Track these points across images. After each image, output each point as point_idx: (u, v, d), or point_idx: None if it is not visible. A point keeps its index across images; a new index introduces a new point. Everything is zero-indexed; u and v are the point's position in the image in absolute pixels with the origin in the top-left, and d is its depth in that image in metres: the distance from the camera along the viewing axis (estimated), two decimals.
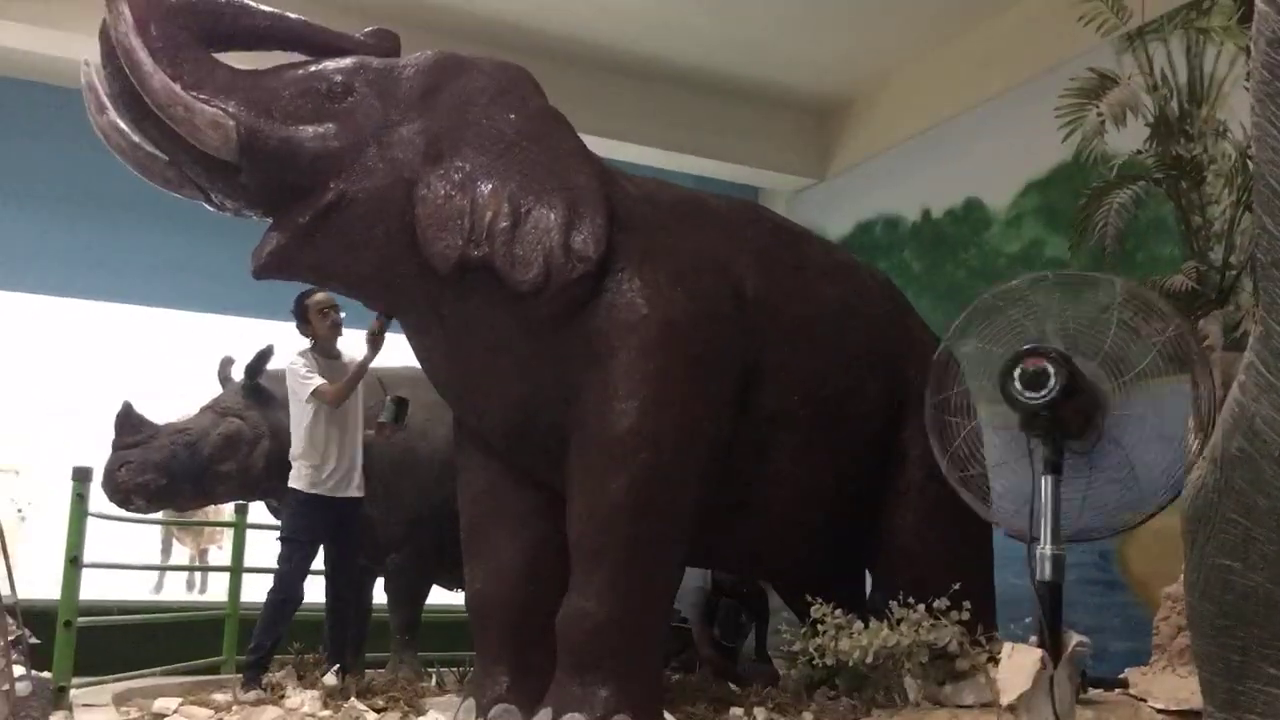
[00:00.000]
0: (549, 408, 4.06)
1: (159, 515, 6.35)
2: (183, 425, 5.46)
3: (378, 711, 4.62)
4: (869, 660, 4.10)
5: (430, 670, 5.60)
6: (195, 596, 8.64)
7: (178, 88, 3.72)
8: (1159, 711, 4.04)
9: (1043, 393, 3.42)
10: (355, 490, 5.29)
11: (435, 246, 3.89)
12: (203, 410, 5.56)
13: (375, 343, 4.96)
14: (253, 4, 4.01)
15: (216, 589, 8.04)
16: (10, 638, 4.17)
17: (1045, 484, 3.51)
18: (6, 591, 4.48)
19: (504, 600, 4.27)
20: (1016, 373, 3.46)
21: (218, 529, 7.98)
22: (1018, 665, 3.31)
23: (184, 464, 5.30)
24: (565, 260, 3.93)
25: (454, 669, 5.52)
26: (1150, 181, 4.69)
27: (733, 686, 5.17)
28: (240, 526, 6.19)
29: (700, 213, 4.51)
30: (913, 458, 4.70)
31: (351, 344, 5.34)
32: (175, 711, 4.51)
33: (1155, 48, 4.80)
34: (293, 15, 4.11)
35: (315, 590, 5.35)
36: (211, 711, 4.62)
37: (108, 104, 3.92)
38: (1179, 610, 4.21)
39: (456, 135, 4.03)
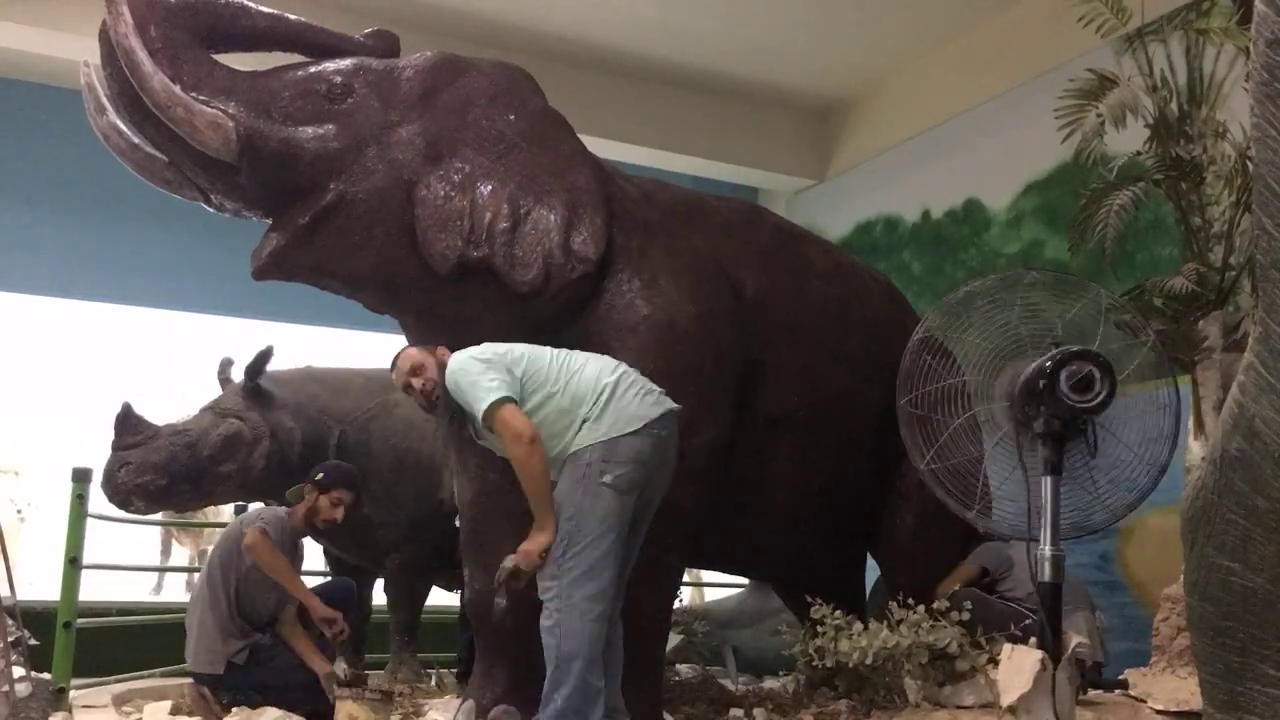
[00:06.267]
0: None
1: (159, 516, 6.34)
2: (183, 426, 5.44)
3: (378, 714, 4.60)
4: (869, 661, 4.10)
5: (430, 671, 5.59)
6: None
7: (177, 89, 3.72)
8: (1159, 712, 4.04)
9: (1089, 396, 3.43)
10: None
11: (435, 247, 3.88)
12: (203, 411, 5.54)
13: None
14: (252, 5, 4.01)
15: None
16: (10, 639, 4.17)
17: (1045, 484, 3.50)
18: (6, 592, 4.48)
19: None
20: (1064, 375, 3.45)
21: (218, 529, 7.96)
22: (1018, 666, 3.31)
23: (184, 465, 5.28)
24: (565, 261, 3.93)
25: (454, 669, 5.52)
26: (1150, 182, 4.67)
27: (730, 686, 5.17)
28: None
29: (700, 213, 4.50)
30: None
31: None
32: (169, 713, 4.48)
33: (1155, 49, 4.78)
34: (292, 16, 4.11)
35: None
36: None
37: (107, 105, 3.93)
38: (1179, 611, 4.20)
39: (456, 136, 4.03)
